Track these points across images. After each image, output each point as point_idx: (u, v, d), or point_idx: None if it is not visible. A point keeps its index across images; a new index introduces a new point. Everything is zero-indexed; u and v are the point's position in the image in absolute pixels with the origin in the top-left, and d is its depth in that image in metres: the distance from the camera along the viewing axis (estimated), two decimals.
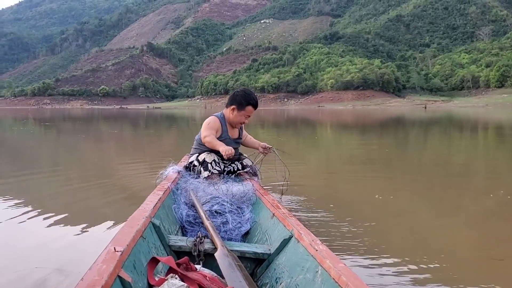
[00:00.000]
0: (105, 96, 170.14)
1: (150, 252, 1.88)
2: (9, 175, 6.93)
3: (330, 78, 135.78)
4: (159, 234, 2.13)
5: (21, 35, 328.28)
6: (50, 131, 19.72)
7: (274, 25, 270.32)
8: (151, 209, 2.21)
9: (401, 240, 3.41)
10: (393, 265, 2.81)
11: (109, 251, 1.51)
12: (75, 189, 5.69)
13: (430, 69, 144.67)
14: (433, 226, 3.89)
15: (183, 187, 3.05)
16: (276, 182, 4.72)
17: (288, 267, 1.97)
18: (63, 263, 2.76)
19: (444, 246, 3.31)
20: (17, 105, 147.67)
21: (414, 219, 4.20)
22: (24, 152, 10.83)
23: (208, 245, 2.14)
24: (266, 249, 2.22)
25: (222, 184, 3.09)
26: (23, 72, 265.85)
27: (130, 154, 10.50)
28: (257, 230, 2.64)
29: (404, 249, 3.15)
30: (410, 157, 9.84)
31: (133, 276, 1.52)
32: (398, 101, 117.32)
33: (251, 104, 3.64)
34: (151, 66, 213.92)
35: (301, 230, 2.07)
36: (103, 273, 1.31)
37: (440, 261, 2.90)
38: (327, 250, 1.78)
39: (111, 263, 1.40)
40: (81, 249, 3.23)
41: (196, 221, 2.66)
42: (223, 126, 3.68)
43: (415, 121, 29.55)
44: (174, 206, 2.76)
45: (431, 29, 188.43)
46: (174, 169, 3.42)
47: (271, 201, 2.73)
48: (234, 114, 3.65)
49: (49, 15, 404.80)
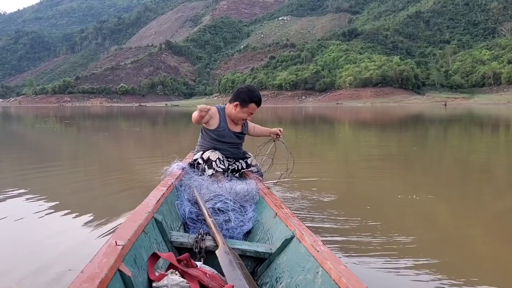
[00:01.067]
0: (124, 94, 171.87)
1: (152, 248, 1.89)
2: (34, 170, 7.08)
3: (349, 75, 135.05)
4: (161, 230, 2.13)
5: (42, 34, 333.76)
6: (74, 129, 19.90)
7: (292, 22, 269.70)
8: (154, 205, 2.21)
9: (422, 240, 3.38)
10: (413, 267, 2.76)
11: (110, 244, 1.51)
12: (101, 185, 5.75)
13: (450, 65, 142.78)
14: (454, 226, 3.88)
15: (187, 184, 3.04)
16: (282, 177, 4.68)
17: (288, 267, 1.98)
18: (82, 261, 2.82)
19: (465, 246, 3.29)
20: (39, 103, 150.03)
21: (436, 219, 4.16)
22: (48, 149, 11.07)
23: (210, 243, 2.14)
24: (268, 248, 2.21)
25: (226, 182, 3.09)
26: (44, 71, 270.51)
27: (151, 150, 10.56)
28: (259, 229, 2.64)
29: (426, 249, 3.09)
30: (437, 155, 9.74)
31: (133, 270, 1.53)
32: (418, 98, 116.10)
33: (255, 101, 3.60)
34: (169, 64, 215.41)
35: (303, 230, 2.07)
36: (103, 266, 1.32)
37: (460, 262, 2.89)
38: (329, 251, 1.78)
39: (111, 256, 1.41)
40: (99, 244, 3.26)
41: (198, 218, 2.65)
42: (221, 116, 3.65)
43: (435, 118, 29.19)
44: (177, 203, 2.75)
45: (451, 25, 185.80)
46: (179, 166, 3.41)
47: (274, 200, 2.71)
48: (237, 111, 3.61)
49: (69, 14, 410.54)
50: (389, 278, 2.62)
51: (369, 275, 2.61)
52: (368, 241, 3.20)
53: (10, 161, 8.74)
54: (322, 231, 3.43)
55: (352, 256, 2.92)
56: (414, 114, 38.06)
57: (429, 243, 3.19)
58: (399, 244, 3.15)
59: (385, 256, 2.92)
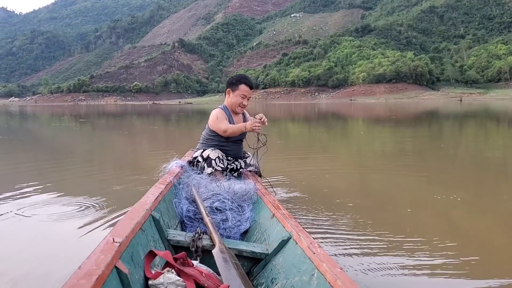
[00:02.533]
0: (138, 92, 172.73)
1: (148, 245, 1.89)
2: (64, 166, 7.28)
3: (362, 71, 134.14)
4: (158, 228, 2.13)
5: (57, 34, 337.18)
6: (94, 128, 20.09)
7: (304, 19, 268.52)
8: (151, 202, 2.20)
9: (430, 241, 3.32)
10: (417, 268, 2.74)
11: (108, 241, 1.51)
12: (129, 180, 5.86)
13: (465, 61, 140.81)
14: (470, 226, 3.87)
15: (185, 182, 3.03)
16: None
17: (284, 268, 1.97)
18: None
19: (479, 244, 3.26)
20: (54, 102, 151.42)
21: (450, 219, 4.12)
22: (75, 147, 11.28)
23: (207, 242, 2.15)
24: (264, 249, 2.21)
25: (225, 181, 3.08)
26: (59, 70, 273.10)
27: (173, 147, 10.67)
28: (256, 229, 2.63)
29: (430, 250, 3.04)
30: (464, 152, 9.70)
31: (130, 267, 1.53)
32: (432, 94, 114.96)
33: (244, 82, 3.62)
34: (182, 62, 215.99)
35: (300, 232, 2.06)
36: (101, 263, 1.32)
37: (476, 263, 2.83)
38: (325, 253, 1.78)
39: (109, 253, 1.40)
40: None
41: (196, 217, 2.64)
42: (228, 115, 3.67)
43: (452, 114, 28.94)
44: (175, 201, 2.74)
45: (466, 20, 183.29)
46: (178, 164, 3.42)
47: (272, 201, 2.69)
48: (231, 97, 3.65)
49: (84, 13, 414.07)
50: (391, 281, 2.58)
51: (365, 278, 2.59)
52: (375, 245, 3.17)
53: (42, 160, 8.94)
54: (327, 230, 3.46)
55: (351, 257, 2.89)
56: (430, 110, 37.66)
57: (435, 244, 3.15)
58: (411, 245, 3.13)
59: (389, 256, 2.89)
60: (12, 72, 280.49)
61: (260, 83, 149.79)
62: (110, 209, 4.06)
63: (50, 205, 4.27)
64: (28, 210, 4.06)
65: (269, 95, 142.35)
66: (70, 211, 4.03)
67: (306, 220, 3.70)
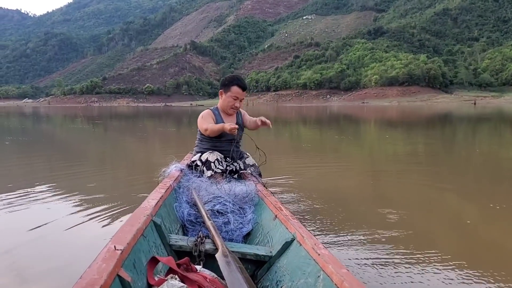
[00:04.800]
0: (150, 94, 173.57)
1: (151, 251, 1.87)
2: (76, 169, 7.23)
3: (374, 74, 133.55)
4: (160, 233, 2.10)
5: (70, 36, 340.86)
6: (112, 130, 20.05)
7: (316, 21, 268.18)
8: (152, 207, 2.17)
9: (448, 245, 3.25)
10: (423, 273, 2.69)
11: (109, 249, 1.48)
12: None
13: (479, 63, 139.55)
14: (476, 229, 3.76)
15: (185, 186, 3.01)
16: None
17: (289, 270, 1.94)
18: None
19: (492, 251, 3.18)
20: (67, 103, 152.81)
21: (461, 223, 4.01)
22: (92, 149, 11.25)
23: (209, 246, 2.11)
24: (268, 251, 2.18)
25: (225, 183, 3.06)
26: (72, 71, 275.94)
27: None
28: (258, 231, 2.60)
29: (440, 252, 3.01)
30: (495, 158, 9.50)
31: (133, 275, 1.51)
32: (445, 97, 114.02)
33: (236, 84, 3.56)
34: (194, 64, 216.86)
35: (303, 233, 2.04)
36: (103, 272, 1.30)
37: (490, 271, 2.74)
38: (330, 254, 1.75)
39: (111, 261, 1.38)
40: None
41: (197, 221, 2.61)
42: (216, 116, 3.64)
43: (467, 117, 28.63)
44: (176, 205, 2.71)
45: (480, 22, 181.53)
46: (177, 167, 3.38)
47: (273, 202, 2.66)
48: (223, 98, 3.61)
49: (96, 15, 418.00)
50: (394, 282, 2.56)
51: (372, 279, 2.58)
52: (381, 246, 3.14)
53: (67, 161, 8.92)
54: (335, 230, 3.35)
55: (354, 258, 2.88)
56: (445, 113, 37.37)
57: (445, 247, 3.12)
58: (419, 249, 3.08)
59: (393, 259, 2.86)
60: (26, 73, 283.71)
61: (271, 86, 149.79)
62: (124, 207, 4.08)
63: (68, 203, 4.24)
64: (47, 208, 4.15)
65: (281, 97, 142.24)
66: (88, 210, 4.06)
67: (314, 222, 3.68)
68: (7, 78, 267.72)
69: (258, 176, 3.63)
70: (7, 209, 4.18)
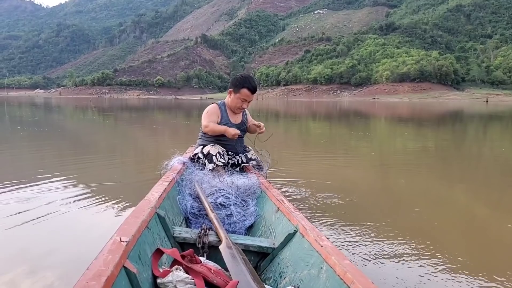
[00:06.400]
0: (160, 87, 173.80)
1: (155, 243, 1.88)
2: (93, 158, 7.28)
3: (386, 70, 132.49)
4: (164, 225, 2.12)
5: (82, 27, 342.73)
6: (127, 122, 20.01)
7: (328, 15, 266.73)
8: (156, 200, 2.18)
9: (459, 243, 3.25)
10: (427, 266, 2.72)
11: (115, 241, 1.50)
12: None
13: (492, 61, 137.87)
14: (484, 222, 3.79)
15: (188, 179, 3.02)
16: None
17: (292, 262, 1.96)
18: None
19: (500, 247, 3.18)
20: (78, 94, 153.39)
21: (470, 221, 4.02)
22: (109, 141, 11.32)
23: (213, 238, 2.13)
24: (271, 243, 2.21)
25: (227, 176, 3.07)
26: (84, 63, 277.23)
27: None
28: (261, 223, 2.62)
29: (443, 248, 3.02)
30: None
31: (138, 266, 1.53)
32: (457, 94, 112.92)
33: (246, 87, 3.55)
34: (204, 58, 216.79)
35: (306, 225, 2.05)
36: (109, 263, 1.32)
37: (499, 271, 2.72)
38: (332, 246, 1.76)
39: (116, 253, 1.40)
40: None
41: (200, 213, 2.63)
42: (222, 112, 3.66)
43: (480, 115, 28.36)
44: (179, 197, 2.72)
45: (493, 19, 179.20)
46: (179, 160, 3.40)
47: (276, 195, 2.68)
48: (231, 98, 3.62)
49: (108, 7, 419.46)
50: (397, 274, 2.59)
51: (374, 271, 2.61)
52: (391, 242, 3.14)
53: (86, 153, 8.99)
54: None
55: (357, 252, 2.91)
56: (457, 110, 37.06)
57: (447, 242, 3.13)
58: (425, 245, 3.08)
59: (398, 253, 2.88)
60: (38, 64, 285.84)
61: (281, 80, 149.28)
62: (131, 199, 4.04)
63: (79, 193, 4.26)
64: (63, 197, 4.19)
65: (291, 92, 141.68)
66: (98, 200, 4.11)
67: (323, 215, 3.72)
68: (20, 69, 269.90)
69: (260, 169, 3.67)
70: (16, 197, 4.24)
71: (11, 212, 3.71)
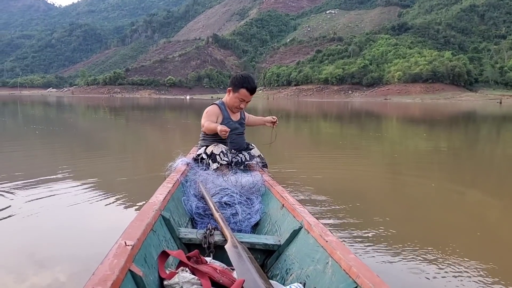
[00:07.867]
0: (171, 86, 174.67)
1: (161, 245, 1.89)
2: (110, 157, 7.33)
3: (398, 70, 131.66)
4: (169, 227, 2.13)
5: (94, 27, 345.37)
6: (142, 122, 20.03)
7: (339, 15, 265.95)
8: (160, 202, 2.19)
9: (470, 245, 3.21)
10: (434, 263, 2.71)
11: (120, 245, 1.50)
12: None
13: (506, 62, 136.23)
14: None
15: (192, 179, 3.02)
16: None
17: (298, 258, 1.98)
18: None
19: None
20: (90, 93, 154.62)
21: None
22: (114, 138, 11.38)
23: (218, 237, 2.14)
24: (276, 240, 2.22)
25: (231, 175, 3.08)
26: (96, 62, 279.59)
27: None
28: (266, 221, 2.64)
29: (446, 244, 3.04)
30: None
31: (144, 270, 1.53)
32: (470, 95, 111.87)
33: (245, 87, 3.55)
34: (215, 57, 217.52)
35: (310, 221, 2.06)
36: (114, 268, 1.32)
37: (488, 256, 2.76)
38: (337, 241, 1.78)
39: (122, 257, 1.41)
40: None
41: (205, 213, 2.64)
42: (223, 111, 3.66)
43: (488, 116, 28.08)
44: (184, 198, 2.73)
45: (508, 20, 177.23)
46: (183, 161, 3.39)
47: (280, 191, 2.70)
48: (230, 97, 3.63)
49: (120, 7, 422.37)
50: (399, 269, 2.62)
51: (380, 266, 2.63)
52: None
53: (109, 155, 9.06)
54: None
55: (363, 246, 2.95)
56: (470, 111, 36.69)
57: (451, 239, 3.13)
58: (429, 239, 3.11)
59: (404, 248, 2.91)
60: (51, 63, 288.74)
61: (292, 80, 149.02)
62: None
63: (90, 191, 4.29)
64: (72, 196, 4.19)
65: (301, 92, 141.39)
66: (108, 198, 4.11)
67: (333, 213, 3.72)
68: (32, 68, 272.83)
69: (265, 165, 3.69)
70: (27, 194, 4.27)
71: (23, 207, 3.79)
